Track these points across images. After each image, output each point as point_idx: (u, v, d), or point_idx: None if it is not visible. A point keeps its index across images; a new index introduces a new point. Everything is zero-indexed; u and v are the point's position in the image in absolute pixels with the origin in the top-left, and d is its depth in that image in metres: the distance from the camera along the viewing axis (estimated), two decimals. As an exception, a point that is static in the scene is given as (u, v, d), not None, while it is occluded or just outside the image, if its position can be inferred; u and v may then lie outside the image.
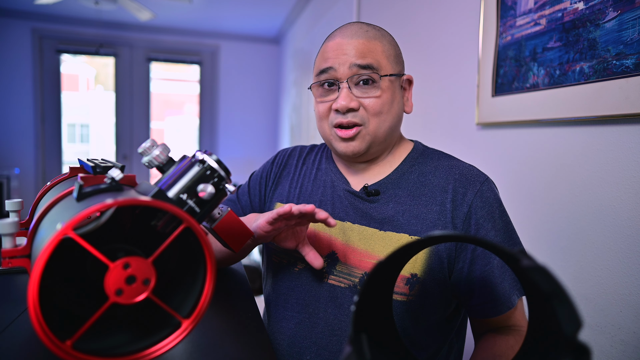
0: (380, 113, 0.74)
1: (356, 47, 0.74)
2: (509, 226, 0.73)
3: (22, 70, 4.05)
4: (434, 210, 0.73)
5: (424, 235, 0.47)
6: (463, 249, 0.71)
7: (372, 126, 0.74)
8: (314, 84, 0.79)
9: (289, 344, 0.76)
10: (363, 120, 0.74)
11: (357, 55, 0.73)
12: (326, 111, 0.77)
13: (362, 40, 0.74)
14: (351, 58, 0.73)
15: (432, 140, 1.26)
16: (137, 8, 3.10)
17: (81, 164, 0.64)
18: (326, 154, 0.90)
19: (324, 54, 0.77)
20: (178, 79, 12.24)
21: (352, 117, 0.74)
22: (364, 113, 0.74)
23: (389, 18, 1.97)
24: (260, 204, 0.91)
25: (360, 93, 0.74)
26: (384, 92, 0.74)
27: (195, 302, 0.44)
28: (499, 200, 0.74)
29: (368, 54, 0.73)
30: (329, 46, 0.77)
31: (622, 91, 0.84)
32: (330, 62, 0.75)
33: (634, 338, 0.83)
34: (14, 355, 0.51)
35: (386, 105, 0.75)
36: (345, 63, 0.73)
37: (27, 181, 4.11)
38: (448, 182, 0.74)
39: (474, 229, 0.71)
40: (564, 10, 0.98)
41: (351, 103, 0.73)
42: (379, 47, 0.75)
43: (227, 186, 0.50)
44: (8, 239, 0.52)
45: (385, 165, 0.81)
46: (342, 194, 0.80)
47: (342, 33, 0.76)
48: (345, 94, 0.73)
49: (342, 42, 0.75)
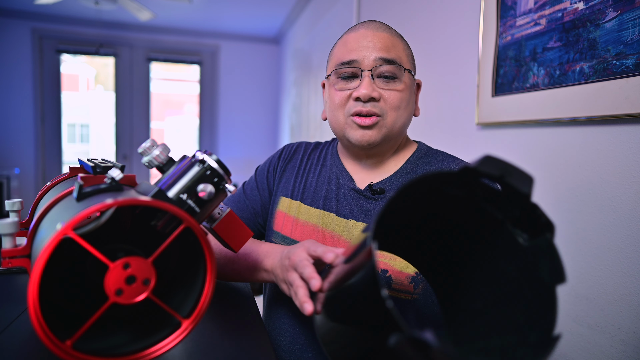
0: (398, 107, 0.74)
1: (382, 40, 0.74)
2: None
3: (22, 70, 4.05)
4: None
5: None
6: None
7: (390, 119, 0.74)
8: (333, 72, 0.77)
9: (290, 341, 0.76)
10: (382, 112, 0.74)
11: (382, 48, 0.73)
12: (344, 99, 0.76)
13: (386, 35, 0.75)
14: (376, 50, 0.73)
15: (433, 140, 1.26)
16: (137, 8, 3.10)
17: (81, 164, 0.64)
18: (331, 151, 0.89)
19: (347, 45, 0.76)
20: (178, 79, 12.24)
21: (372, 106, 0.73)
22: (384, 105, 0.74)
23: (389, 18, 1.97)
24: (270, 197, 0.89)
25: (382, 85, 0.74)
26: (405, 87, 0.75)
27: (195, 302, 0.44)
28: None
29: (392, 49, 0.74)
30: (352, 37, 0.76)
31: (622, 91, 0.84)
32: (355, 54, 0.74)
33: (634, 338, 0.83)
34: (14, 355, 0.51)
35: (404, 101, 0.75)
36: (371, 55, 0.73)
37: (27, 181, 4.11)
38: None
39: None
40: (564, 10, 0.98)
41: (373, 92, 0.73)
42: (400, 45, 0.76)
43: (227, 186, 0.50)
44: (8, 239, 0.52)
45: (390, 164, 0.81)
46: (346, 192, 0.80)
47: (366, 26, 0.77)
48: (367, 83, 0.73)
49: (367, 33, 0.75)
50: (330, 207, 0.79)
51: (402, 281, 0.70)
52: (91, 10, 3.69)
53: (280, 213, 0.84)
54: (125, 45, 4.41)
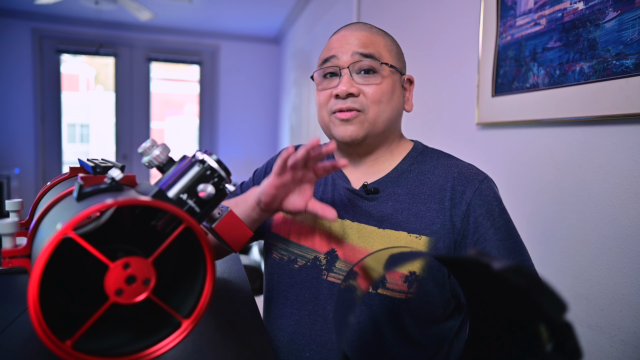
0: (380, 102, 0.75)
1: (359, 38, 0.76)
2: (509, 224, 0.73)
3: (22, 70, 4.05)
4: (433, 208, 0.73)
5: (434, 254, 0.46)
6: (462, 247, 0.71)
7: (372, 114, 0.75)
8: (316, 72, 0.80)
9: (288, 340, 0.77)
10: (362, 107, 0.75)
11: (359, 44, 0.75)
12: (326, 98, 0.78)
13: (365, 33, 0.77)
14: (354, 47, 0.75)
15: (432, 140, 1.26)
16: (137, 8, 3.09)
17: (81, 164, 0.64)
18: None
19: (328, 45, 0.79)
20: (178, 79, 12.24)
21: (351, 102, 0.75)
22: (364, 100, 0.75)
23: (389, 18, 1.97)
24: None
25: (361, 80, 0.75)
26: (384, 80, 0.76)
27: (195, 302, 0.44)
28: (498, 198, 0.74)
29: (370, 45, 0.76)
30: (334, 38, 0.79)
31: (622, 91, 0.84)
32: (334, 51, 0.77)
33: (634, 338, 0.83)
34: (14, 355, 0.51)
35: (386, 95, 0.76)
36: (348, 51, 0.75)
37: (27, 181, 4.11)
38: (447, 181, 0.75)
39: (472, 227, 0.71)
40: (564, 10, 0.98)
41: (351, 88, 0.74)
42: (381, 41, 0.78)
43: (227, 186, 0.50)
44: (8, 239, 0.52)
45: (385, 163, 0.81)
46: (342, 192, 0.80)
47: (347, 27, 0.79)
48: (346, 80, 0.74)
49: (347, 33, 0.78)
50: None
51: (396, 280, 0.70)
52: (91, 10, 3.69)
53: (278, 215, 0.85)
54: (125, 45, 4.41)
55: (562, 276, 0.99)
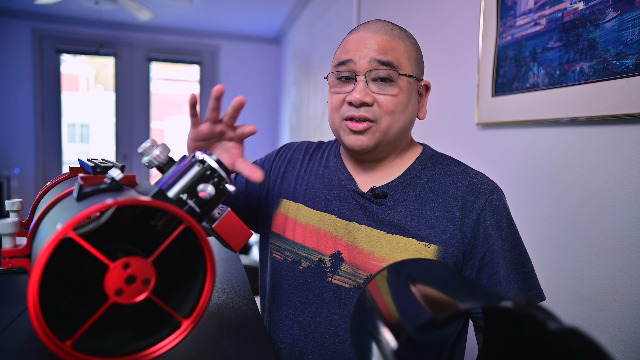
0: (393, 112, 0.73)
1: (379, 43, 0.72)
2: (516, 235, 0.73)
3: (22, 70, 4.05)
4: (443, 217, 0.72)
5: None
6: (471, 257, 0.71)
7: (384, 124, 0.73)
8: (331, 73, 0.77)
9: (291, 343, 0.76)
10: (375, 117, 0.72)
11: (378, 50, 0.72)
12: (339, 103, 0.75)
13: (385, 37, 0.73)
14: (372, 53, 0.72)
15: (432, 141, 1.26)
16: (137, 8, 3.10)
17: (81, 164, 0.64)
18: (334, 152, 0.88)
19: (346, 46, 0.76)
20: (178, 79, 12.25)
21: (364, 111, 0.72)
22: (377, 109, 0.72)
23: (388, 18, 1.97)
24: (261, 187, 0.90)
25: (376, 89, 0.72)
26: (401, 91, 0.73)
27: (195, 302, 0.44)
28: (507, 209, 0.74)
29: (390, 51, 0.72)
30: (352, 39, 0.75)
31: (622, 91, 0.84)
32: (351, 54, 0.73)
33: (634, 338, 0.83)
34: (14, 355, 0.51)
35: (400, 106, 0.73)
36: (366, 57, 0.72)
37: (27, 181, 4.11)
38: (458, 190, 0.73)
39: (482, 237, 0.71)
40: (564, 10, 0.98)
41: (366, 97, 0.71)
42: (401, 47, 0.74)
43: (227, 186, 0.50)
44: (8, 239, 0.52)
45: (394, 167, 0.79)
46: (349, 194, 0.79)
47: (367, 27, 0.75)
48: (361, 87, 0.72)
49: (366, 35, 0.74)
50: (332, 209, 0.78)
51: None
52: (91, 10, 3.69)
53: (281, 215, 0.83)
54: (125, 45, 4.41)
55: (562, 276, 0.99)
